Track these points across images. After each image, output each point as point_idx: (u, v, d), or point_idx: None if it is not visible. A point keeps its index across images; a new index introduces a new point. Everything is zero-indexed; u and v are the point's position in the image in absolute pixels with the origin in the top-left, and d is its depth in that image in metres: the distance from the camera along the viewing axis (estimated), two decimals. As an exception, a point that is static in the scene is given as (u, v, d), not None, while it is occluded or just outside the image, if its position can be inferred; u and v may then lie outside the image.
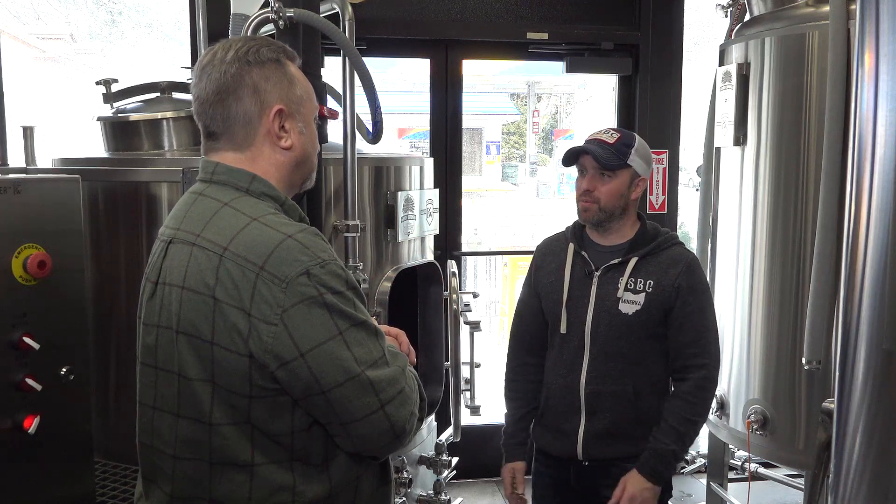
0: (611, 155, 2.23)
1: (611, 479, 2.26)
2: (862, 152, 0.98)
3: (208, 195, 1.44)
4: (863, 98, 0.98)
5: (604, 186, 2.25)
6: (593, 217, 2.28)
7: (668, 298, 2.22)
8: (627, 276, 2.25)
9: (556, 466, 2.39)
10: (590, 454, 2.29)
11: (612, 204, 2.26)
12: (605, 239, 2.33)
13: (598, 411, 2.26)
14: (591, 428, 2.27)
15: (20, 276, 1.85)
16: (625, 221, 2.31)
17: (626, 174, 2.26)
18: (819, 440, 1.52)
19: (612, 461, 2.28)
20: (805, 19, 2.74)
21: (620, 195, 2.26)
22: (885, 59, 0.94)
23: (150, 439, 1.47)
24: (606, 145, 2.24)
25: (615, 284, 2.25)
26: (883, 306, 0.95)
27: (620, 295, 2.24)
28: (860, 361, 0.99)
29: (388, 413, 1.37)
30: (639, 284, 2.24)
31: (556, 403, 2.34)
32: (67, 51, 6.45)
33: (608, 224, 2.29)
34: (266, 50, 1.45)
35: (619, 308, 2.23)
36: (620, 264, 2.27)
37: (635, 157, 2.26)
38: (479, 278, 8.50)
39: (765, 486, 3.77)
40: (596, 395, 2.26)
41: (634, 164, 2.26)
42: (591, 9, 4.24)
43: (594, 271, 2.29)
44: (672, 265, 2.25)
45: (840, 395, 1.03)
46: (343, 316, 1.34)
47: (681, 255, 2.28)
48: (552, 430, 2.36)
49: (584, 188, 2.28)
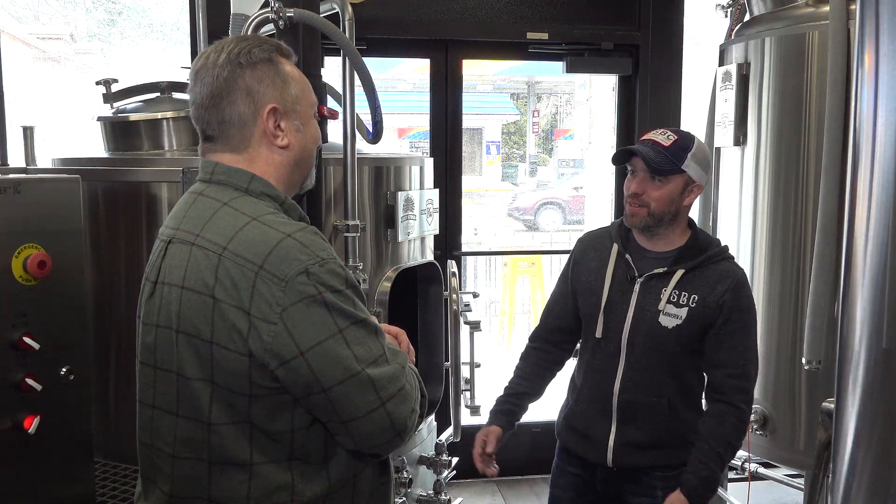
0: (664, 159, 2.08)
1: (639, 486, 2.22)
2: (862, 152, 0.98)
3: (208, 195, 1.44)
4: (863, 98, 0.98)
5: (655, 192, 2.11)
6: (640, 222, 2.15)
7: (711, 315, 2.11)
8: (672, 288, 2.13)
9: (581, 466, 2.31)
10: (620, 461, 2.21)
11: (661, 210, 2.12)
12: (652, 244, 2.21)
13: (631, 421, 2.19)
14: (622, 436, 2.20)
15: (20, 276, 1.85)
16: (674, 228, 2.18)
17: (680, 180, 2.11)
18: (819, 440, 1.52)
19: (642, 469, 2.21)
20: (805, 19, 2.74)
21: (671, 201, 2.12)
22: (885, 59, 0.94)
23: (150, 438, 1.47)
24: (661, 148, 2.10)
25: (657, 295, 2.14)
26: (883, 306, 0.95)
27: (662, 307, 2.13)
28: (860, 361, 0.99)
29: (389, 410, 1.37)
30: (682, 298, 2.12)
31: (587, 408, 2.26)
32: (67, 51, 6.44)
33: (656, 230, 2.16)
34: (258, 50, 1.45)
35: (658, 320, 2.13)
36: (665, 274, 2.15)
37: (691, 163, 2.10)
38: (479, 278, 8.51)
39: (765, 486, 3.76)
40: (630, 404, 2.18)
41: (689, 170, 2.10)
42: (591, 9, 4.24)
43: (637, 277, 2.18)
44: (720, 281, 2.12)
45: (840, 395, 1.03)
46: (342, 314, 1.34)
47: (730, 272, 2.15)
48: (580, 434, 2.29)
49: (632, 191, 2.15)
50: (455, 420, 2.96)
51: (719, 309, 2.11)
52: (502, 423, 2.35)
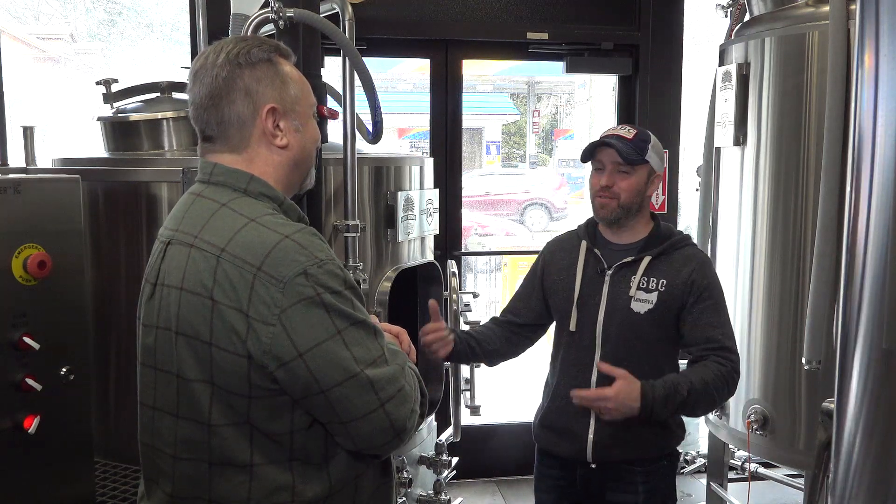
0: (631, 150, 2.20)
1: (621, 483, 2.24)
2: (862, 152, 0.98)
3: (207, 196, 1.44)
4: (863, 98, 0.98)
5: (623, 182, 2.22)
6: (611, 214, 2.25)
7: (681, 296, 2.19)
8: (640, 274, 2.22)
9: (560, 468, 2.35)
10: (599, 456, 2.24)
11: (631, 200, 2.23)
12: (618, 237, 2.31)
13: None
14: (601, 430, 2.21)
15: (20, 276, 1.85)
16: (639, 219, 2.29)
17: (644, 170, 2.24)
18: (819, 440, 1.52)
19: (621, 464, 2.24)
20: (805, 19, 2.74)
21: (639, 192, 2.24)
22: (885, 59, 0.94)
23: (151, 439, 1.47)
24: (626, 140, 2.21)
25: (628, 283, 2.22)
26: (883, 306, 0.95)
27: (633, 294, 2.21)
28: (860, 361, 0.99)
29: (388, 411, 1.37)
30: (651, 283, 2.21)
31: (565, 404, 2.24)
32: (67, 51, 6.44)
33: (625, 221, 2.27)
34: (257, 51, 1.45)
35: (630, 307, 2.20)
36: (633, 262, 2.24)
37: (652, 153, 2.24)
38: (479, 278, 8.51)
39: (765, 486, 3.76)
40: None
41: (651, 161, 2.24)
42: (591, 9, 4.24)
43: (606, 269, 2.26)
44: (685, 264, 2.22)
45: (840, 395, 1.03)
46: (341, 315, 1.34)
47: (694, 255, 2.26)
48: (559, 432, 2.31)
49: (602, 184, 2.24)
50: (455, 420, 2.97)
51: (688, 289, 2.19)
52: (456, 336, 2.34)
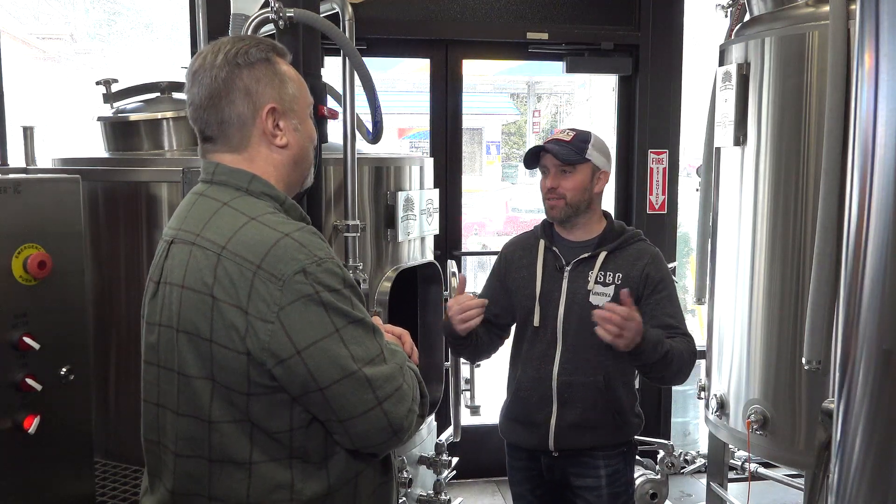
0: (569, 151, 2.33)
1: (583, 469, 2.37)
2: (862, 152, 0.98)
3: (209, 195, 1.45)
4: (863, 98, 0.98)
5: (567, 182, 2.35)
6: (560, 213, 2.38)
7: (637, 288, 2.32)
8: (597, 269, 2.34)
9: (527, 458, 2.47)
10: (561, 444, 2.36)
11: (576, 199, 2.36)
12: (573, 235, 2.43)
13: (569, 402, 2.34)
14: (562, 418, 2.34)
15: (20, 276, 1.85)
16: (591, 216, 2.41)
17: (587, 168, 2.36)
18: (819, 440, 1.52)
19: (581, 451, 2.37)
20: (805, 19, 2.74)
21: (584, 189, 2.36)
22: (885, 59, 0.94)
23: (156, 436, 1.48)
24: (564, 143, 2.35)
25: (585, 278, 2.35)
26: (883, 306, 0.95)
27: (591, 287, 2.33)
28: (860, 361, 0.99)
29: (386, 410, 1.37)
30: (608, 277, 2.34)
31: (528, 395, 2.39)
32: (67, 51, 6.44)
33: (575, 219, 2.39)
34: (255, 50, 1.45)
35: (589, 300, 2.31)
36: (590, 258, 2.37)
37: (593, 152, 2.36)
38: (479, 278, 8.50)
39: (765, 486, 3.76)
40: (567, 385, 2.33)
41: (593, 158, 2.36)
42: (591, 9, 4.24)
43: (565, 266, 2.38)
44: (639, 258, 2.37)
45: (840, 395, 1.03)
46: (339, 313, 1.35)
47: (646, 249, 2.41)
48: (523, 423, 2.42)
49: (548, 186, 2.38)
50: (455, 420, 2.97)
51: (643, 281, 2.34)
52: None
